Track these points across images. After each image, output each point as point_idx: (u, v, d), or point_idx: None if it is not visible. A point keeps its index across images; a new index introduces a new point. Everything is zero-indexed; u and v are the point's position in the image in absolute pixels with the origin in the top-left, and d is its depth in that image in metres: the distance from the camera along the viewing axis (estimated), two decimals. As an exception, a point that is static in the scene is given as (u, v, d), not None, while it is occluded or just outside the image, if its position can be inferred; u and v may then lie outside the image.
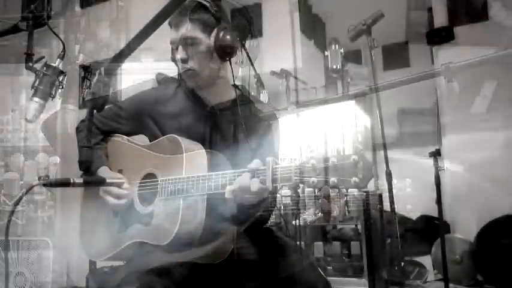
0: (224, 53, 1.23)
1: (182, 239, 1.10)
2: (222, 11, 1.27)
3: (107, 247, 1.26)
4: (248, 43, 1.24)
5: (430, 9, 3.92)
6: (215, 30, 1.21)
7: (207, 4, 1.23)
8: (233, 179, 1.02)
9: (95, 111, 1.05)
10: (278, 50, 3.96)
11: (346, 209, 2.66)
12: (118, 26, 3.25)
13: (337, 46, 3.05)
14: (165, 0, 1.08)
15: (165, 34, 1.21)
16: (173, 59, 1.30)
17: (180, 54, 1.23)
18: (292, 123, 2.98)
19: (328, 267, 2.71)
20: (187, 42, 1.22)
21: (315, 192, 2.69)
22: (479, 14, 3.42)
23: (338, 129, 2.90)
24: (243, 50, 1.26)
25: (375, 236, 2.54)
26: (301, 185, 0.93)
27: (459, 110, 3.43)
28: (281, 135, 1.36)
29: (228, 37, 1.21)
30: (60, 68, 1.13)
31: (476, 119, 3.32)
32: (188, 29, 1.21)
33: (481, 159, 3.29)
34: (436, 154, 2.30)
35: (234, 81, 1.34)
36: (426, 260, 3.40)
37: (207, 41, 1.22)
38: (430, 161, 2.32)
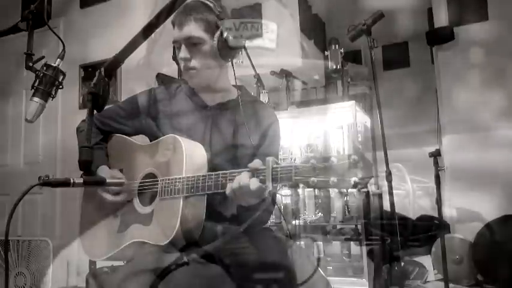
0: (227, 53, 1.23)
1: (182, 239, 1.10)
2: (225, 11, 1.27)
3: (107, 247, 1.26)
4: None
5: (430, 9, 3.92)
6: (218, 30, 1.22)
7: (211, 5, 1.24)
8: (233, 178, 1.02)
9: (95, 111, 1.05)
10: (278, 50, 3.95)
11: (346, 209, 2.67)
12: (118, 25, 3.25)
13: (337, 46, 3.05)
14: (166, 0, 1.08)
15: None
16: (175, 58, 1.30)
17: (182, 53, 1.23)
18: (292, 123, 2.98)
19: (328, 267, 2.71)
20: (191, 42, 1.23)
21: (314, 192, 2.70)
22: (479, 14, 3.42)
23: (338, 129, 2.90)
24: (243, 50, 1.27)
25: (375, 236, 2.54)
26: (301, 185, 0.92)
27: (459, 110, 3.43)
28: (281, 135, 1.36)
29: (231, 38, 1.22)
30: (60, 68, 1.12)
31: (477, 119, 3.32)
32: (192, 28, 1.22)
33: (480, 159, 3.29)
34: (436, 154, 2.30)
35: (235, 81, 1.35)
36: (426, 260, 3.40)
37: (210, 41, 1.23)
38: (430, 161, 2.32)
